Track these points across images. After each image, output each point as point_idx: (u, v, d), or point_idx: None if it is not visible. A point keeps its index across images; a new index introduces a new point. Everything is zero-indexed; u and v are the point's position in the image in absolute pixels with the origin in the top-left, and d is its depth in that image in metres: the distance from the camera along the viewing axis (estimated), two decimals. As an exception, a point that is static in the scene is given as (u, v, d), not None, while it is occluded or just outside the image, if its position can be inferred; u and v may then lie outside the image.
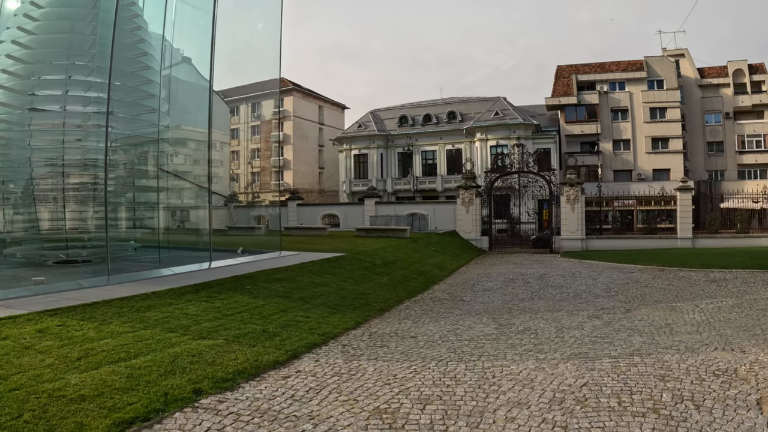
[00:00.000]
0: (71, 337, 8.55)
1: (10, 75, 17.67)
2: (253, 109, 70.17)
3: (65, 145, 18.31)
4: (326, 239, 29.98)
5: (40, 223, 19.43)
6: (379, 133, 61.17)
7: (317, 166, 72.84)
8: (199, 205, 24.07)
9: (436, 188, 58.05)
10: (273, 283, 14.63)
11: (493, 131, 55.38)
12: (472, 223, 37.08)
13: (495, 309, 14.26)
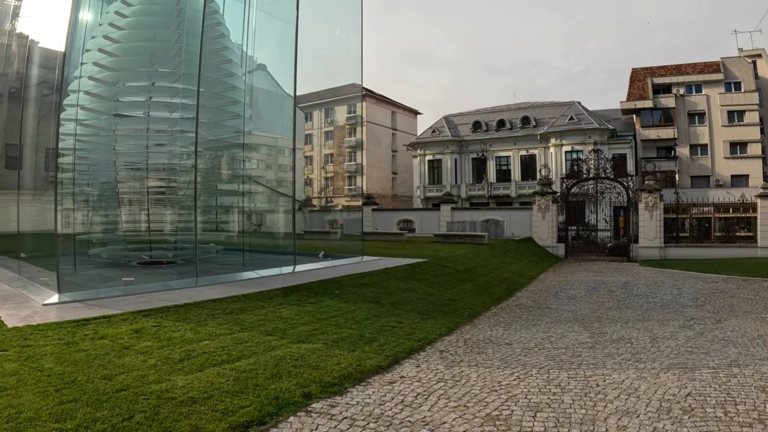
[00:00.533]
0: (169, 338, 8.55)
1: (97, 81, 18.13)
2: (326, 115, 71.12)
3: (149, 149, 18.72)
4: (405, 245, 29.86)
5: (125, 225, 19.93)
6: (453, 138, 60.79)
7: (390, 171, 73.02)
8: (274, 208, 24.34)
9: (510, 194, 57.19)
10: (361, 288, 14.52)
11: (567, 136, 54.15)
12: (548, 229, 36.37)
13: (584, 317, 13.91)
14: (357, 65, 22.89)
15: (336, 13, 23.93)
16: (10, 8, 27.89)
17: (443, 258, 22.05)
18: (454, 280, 18.41)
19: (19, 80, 22.75)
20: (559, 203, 37.16)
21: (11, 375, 6.57)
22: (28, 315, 9.84)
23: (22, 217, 20.03)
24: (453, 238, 32.51)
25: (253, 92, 21.87)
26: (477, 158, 59.94)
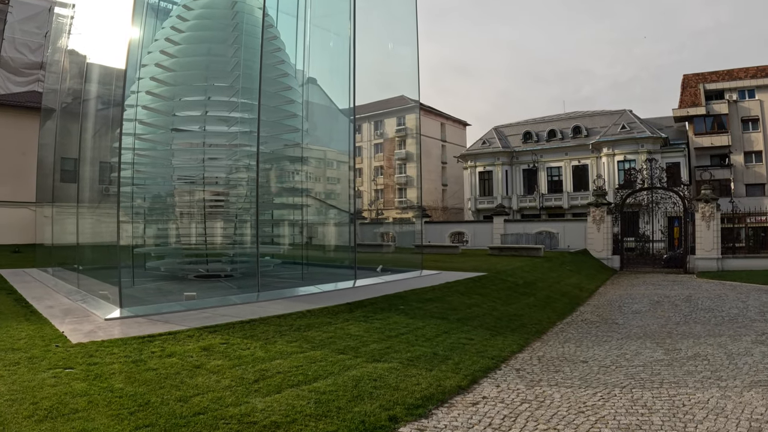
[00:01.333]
0: (239, 356, 8.28)
1: (154, 96, 18.31)
2: (375, 127, 71.44)
3: (205, 163, 18.84)
4: (460, 258, 29.40)
5: (182, 238, 20.00)
6: (503, 149, 60.52)
7: (440, 183, 73.10)
8: (329, 221, 24.18)
9: (562, 205, 56.47)
10: (425, 303, 14.14)
11: (620, 146, 53.33)
12: (603, 241, 35.63)
13: (653, 333, 13.48)
14: (408, 78, 22.92)
15: (389, 26, 23.92)
16: (64, 25, 28.56)
17: (502, 271, 21.66)
18: (516, 294, 18.00)
19: (72, 95, 23.18)
20: (614, 214, 36.41)
21: (81, 395, 6.34)
22: (91, 330, 9.71)
23: (75, 229, 20.24)
24: (508, 250, 32.05)
25: (306, 105, 21.85)
26: (528, 169, 59.54)
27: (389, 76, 24.08)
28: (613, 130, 54.67)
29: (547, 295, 19.04)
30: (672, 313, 16.91)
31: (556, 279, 23.19)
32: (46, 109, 28.12)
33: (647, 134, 52.53)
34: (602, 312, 17.36)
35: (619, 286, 25.65)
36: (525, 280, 20.73)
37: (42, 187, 27.03)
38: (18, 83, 43.54)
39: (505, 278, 20.21)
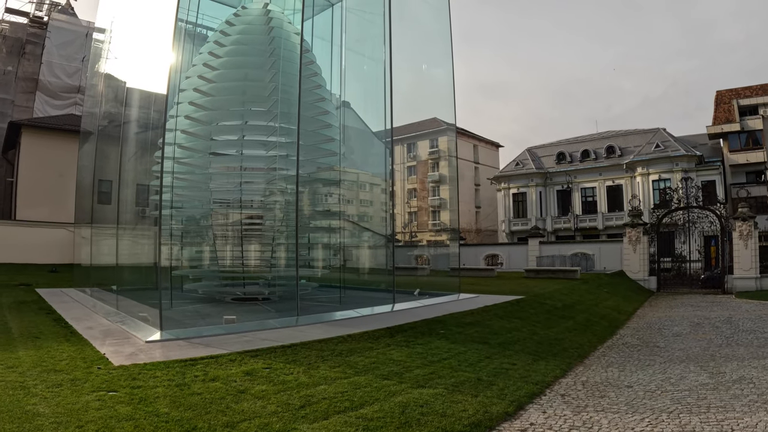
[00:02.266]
0: (283, 381, 8.31)
1: (193, 121, 18.66)
2: (408, 150, 71.68)
3: (242, 186, 19.08)
4: (496, 280, 29.30)
5: (219, 261, 20.21)
6: (537, 170, 60.37)
7: (473, 205, 73.03)
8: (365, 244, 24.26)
9: (597, 226, 55.93)
10: (465, 327, 14.09)
11: (654, 165, 52.75)
12: (640, 262, 35.30)
13: (696, 356, 13.30)
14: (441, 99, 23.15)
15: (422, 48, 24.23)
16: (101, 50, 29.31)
17: (539, 294, 21.55)
18: (555, 317, 17.89)
19: (109, 119, 23.70)
20: (650, 234, 36.00)
21: (127, 420, 6.39)
22: (133, 353, 9.83)
23: (113, 250, 20.58)
24: (544, 273, 31.88)
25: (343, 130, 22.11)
26: (562, 190, 59.27)
27: (422, 98, 24.28)
28: (647, 149, 54.16)
29: (587, 318, 18.91)
30: (713, 335, 16.71)
31: (594, 302, 22.99)
32: (84, 131, 28.77)
33: (681, 152, 51.90)
34: (643, 335, 17.19)
35: (657, 307, 25.41)
36: (563, 303, 20.61)
37: (80, 209, 27.59)
38: (56, 106, 44.79)
39: (543, 301, 20.09)
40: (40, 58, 45.74)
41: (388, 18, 19.74)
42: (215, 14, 22.57)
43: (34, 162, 36.61)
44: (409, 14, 22.48)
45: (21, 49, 46.17)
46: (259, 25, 19.58)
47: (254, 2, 21.21)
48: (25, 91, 45.43)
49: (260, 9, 20.21)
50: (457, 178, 54.27)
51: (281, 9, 20.56)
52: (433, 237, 64.45)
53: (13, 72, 45.57)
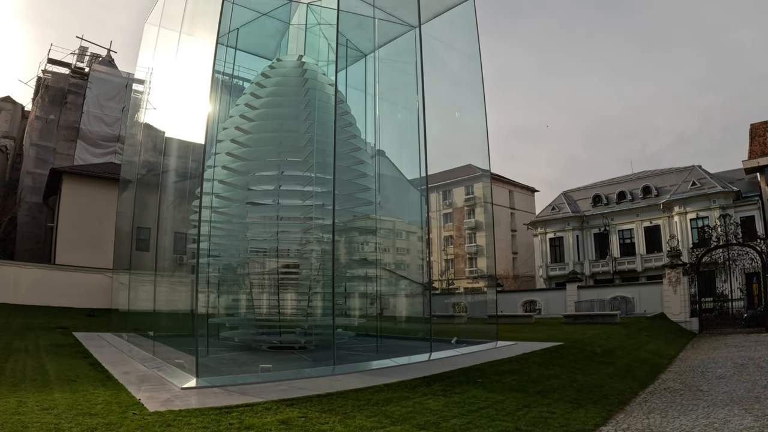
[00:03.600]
0: (318, 430, 8.51)
1: (230, 171, 19.26)
2: (444, 197, 72.14)
3: (279, 236, 19.43)
4: (534, 327, 29.18)
5: (256, 310, 20.52)
6: (573, 214, 60.56)
7: (510, 251, 73.13)
8: (401, 292, 24.35)
9: (635, 268, 55.38)
10: (503, 375, 14.11)
11: (691, 203, 52.48)
12: (681, 303, 34.86)
13: (741, 398, 13.16)
14: (475, 146, 23.41)
15: (455, 96, 24.66)
16: (140, 101, 30.35)
17: (578, 340, 21.50)
18: (595, 363, 17.80)
19: (148, 168, 24.43)
20: (690, 275, 35.57)
21: (162, 466, 6.62)
22: (168, 399, 10.09)
23: (150, 297, 20.99)
24: (583, 318, 31.64)
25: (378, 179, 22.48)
26: (599, 233, 59.18)
27: (456, 145, 24.62)
28: (683, 188, 53.85)
29: (627, 364, 18.73)
30: (758, 375, 16.50)
31: (635, 346, 22.81)
32: (123, 179, 29.63)
33: (718, 189, 51.64)
34: (685, 379, 17.00)
35: (699, 350, 25.13)
36: (603, 349, 20.48)
37: (118, 255, 28.23)
38: (96, 154, 46.21)
39: (582, 347, 20.02)
40: (81, 108, 47.42)
41: (419, 67, 20.29)
42: (251, 66, 23.42)
43: (74, 208, 37.68)
44: (441, 63, 23.01)
45: (63, 98, 47.94)
46: (294, 77, 20.32)
47: (289, 55, 22.03)
48: (67, 139, 47.01)
49: (295, 61, 20.98)
50: (493, 224, 54.40)
51: (315, 61, 21.33)
52: (470, 284, 64.40)
53: (55, 120, 47.25)
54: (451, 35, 23.64)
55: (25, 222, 44.09)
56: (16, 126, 55.53)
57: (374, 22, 21.91)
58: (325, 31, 21.44)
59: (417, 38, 20.89)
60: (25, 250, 41.87)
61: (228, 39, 21.19)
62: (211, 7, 18.18)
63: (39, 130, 46.66)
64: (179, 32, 21.86)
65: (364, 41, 22.87)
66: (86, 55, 50.80)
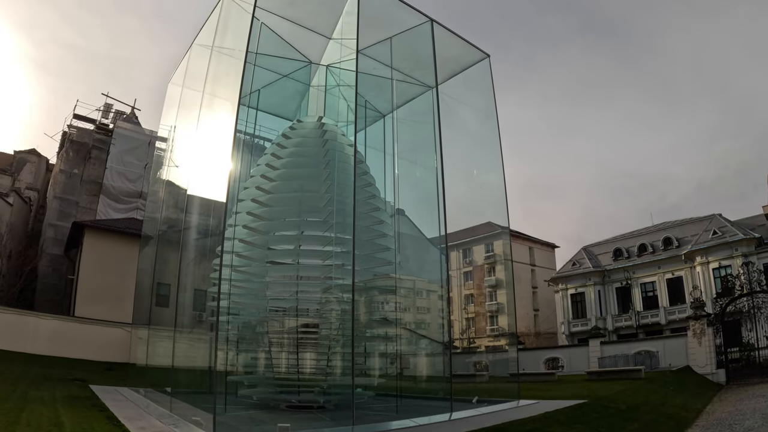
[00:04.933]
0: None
1: (250, 230, 19.56)
2: (464, 255, 72.39)
3: (299, 295, 19.57)
4: (557, 385, 28.95)
5: (274, 368, 20.54)
6: (594, 269, 60.58)
7: (531, 308, 72.90)
8: (421, 352, 24.25)
9: (659, 321, 54.91)
10: (526, 437, 13.97)
11: (713, 252, 52.28)
12: (706, 355, 34.44)
13: None
14: (494, 203, 23.77)
15: (473, 154, 25.11)
16: (162, 158, 30.99)
17: (602, 397, 21.44)
18: (619, 420, 17.67)
19: (169, 224, 24.80)
20: (715, 325, 35.12)
21: None
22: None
23: (168, 352, 21.06)
24: (607, 374, 31.47)
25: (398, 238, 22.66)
26: (621, 287, 59.11)
27: (475, 203, 24.84)
28: (704, 237, 53.64)
29: (653, 420, 18.55)
30: (786, 426, 16.27)
31: (660, 401, 22.63)
32: (144, 235, 30.02)
33: (740, 236, 51.36)
34: (713, 432, 16.80)
35: (726, 402, 24.80)
36: (627, 405, 20.30)
37: (138, 310, 28.45)
38: (118, 209, 46.95)
39: (606, 404, 19.91)
40: (105, 163, 48.44)
41: (437, 126, 20.73)
42: (272, 126, 23.98)
43: (95, 262, 38.13)
44: (458, 121, 23.44)
45: (87, 153, 49.02)
46: (314, 137, 20.81)
47: (309, 115, 22.56)
48: (90, 193, 47.89)
49: (315, 122, 21.50)
50: (513, 281, 54.35)
51: (335, 121, 21.85)
52: (491, 342, 64.17)
53: (79, 175, 48.22)
54: (467, 94, 24.16)
55: (45, 273, 44.66)
56: (41, 178, 56.75)
57: (392, 83, 22.49)
58: (344, 93, 22.01)
59: (434, 98, 21.38)
60: (44, 300, 42.27)
61: (249, 100, 21.81)
62: (233, 68, 18.78)
63: (63, 184, 47.62)
64: (202, 92, 22.49)
65: (383, 102, 23.44)
66: (111, 112, 52.18)
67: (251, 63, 18.82)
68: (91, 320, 35.23)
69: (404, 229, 23.31)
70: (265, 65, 21.76)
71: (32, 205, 52.70)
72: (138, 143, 49.99)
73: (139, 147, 49.82)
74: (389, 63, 21.84)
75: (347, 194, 17.67)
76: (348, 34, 20.07)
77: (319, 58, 22.89)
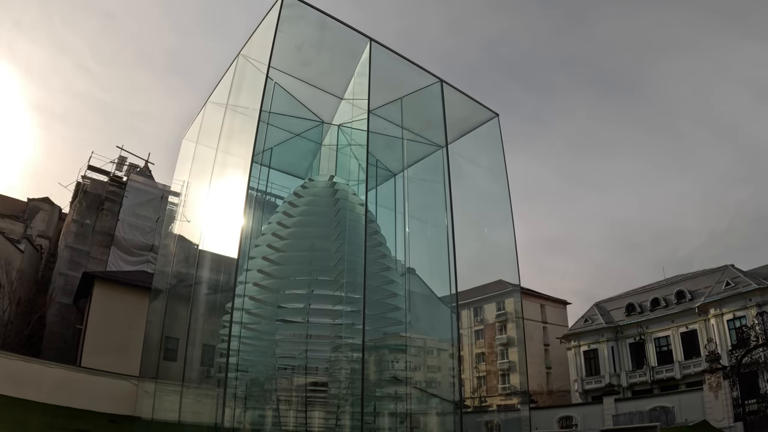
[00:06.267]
0: None
1: (261, 288, 19.69)
2: (475, 314, 72.28)
3: (308, 354, 19.55)
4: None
5: (282, 426, 20.44)
6: (606, 325, 60.32)
7: (543, 366, 72.24)
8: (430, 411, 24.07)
9: (674, 376, 54.16)
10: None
11: (727, 304, 51.93)
12: (723, 409, 34.09)
13: None
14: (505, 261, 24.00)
15: (483, 212, 25.51)
16: (174, 213, 31.35)
17: None
18: None
19: (179, 279, 24.95)
20: (731, 378, 34.61)
21: None
22: None
23: (175, 407, 20.98)
24: None
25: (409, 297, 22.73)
26: (634, 343, 58.75)
27: (486, 261, 24.98)
28: (717, 289, 53.28)
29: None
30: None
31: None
32: (154, 289, 30.15)
33: (753, 286, 50.68)
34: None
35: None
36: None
37: (146, 363, 28.39)
38: (129, 262, 47.25)
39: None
40: (117, 215, 48.91)
41: (448, 185, 21.07)
42: (284, 184, 24.31)
43: (104, 313, 38.11)
44: (468, 180, 23.79)
45: (100, 204, 49.60)
46: (325, 196, 21.11)
47: (320, 174, 22.89)
48: (101, 244, 48.24)
49: (326, 181, 21.83)
50: (524, 339, 54.09)
51: (346, 180, 22.16)
52: (503, 401, 63.54)
53: (91, 225, 48.66)
54: (477, 152, 24.55)
55: (53, 321, 44.67)
56: (53, 227, 57.27)
57: (403, 142, 22.90)
58: (355, 152, 22.35)
59: (444, 157, 21.78)
60: (51, 349, 42.17)
61: (262, 157, 22.22)
62: (247, 126, 19.30)
63: (75, 234, 48.02)
64: (216, 149, 22.97)
65: (393, 161, 23.80)
66: (125, 165, 52.94)
67: (264, 122, 19.29)
68: (97, 371, 35.07)
69: (415, 288, 23.38)
70: (278, 124, 22.22)
71: (43, 252, 53.07)
72: (151, 197, 50.54)
73: (151, 200, 50.36)
74: (400, 123, 22.28)
75: (358, 253, 17.93)
76: (359, 94, 20.58)
77: (331, 118, 23.38)
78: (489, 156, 24.44)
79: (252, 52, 20.96)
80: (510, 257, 23.03)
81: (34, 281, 48.48)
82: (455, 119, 22.25)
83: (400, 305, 20.31)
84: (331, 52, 21.61)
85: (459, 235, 20.21)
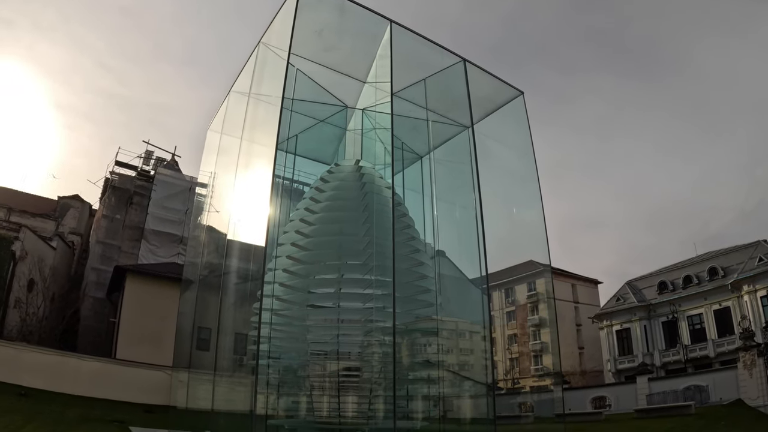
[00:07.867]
0: None
1: (290, 274, 19.63)
2: (506, 295, 71.99)
3: (340, 339, 19.51)
4: (605, 425, 28.58)
5: (315, 412, 20.41)
6: (639, 304, 59.65)
7: (576, 346, 71.81)
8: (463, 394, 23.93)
9: (708, 354, 53.46)
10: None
11: (760, 280, 51.05)
12: (758, 387, 33.37)
13: None
14: (535, 241, 23.67)
15: (511, 192, 25.27)
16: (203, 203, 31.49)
17: None
18: None
19: (210, 269, 25.06)
20: (766, 355, 34.03)
21: None
22: None
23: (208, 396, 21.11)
24: (656, 411, 30.92)
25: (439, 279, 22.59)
26: (667, 321, 57.92)
27: (516, 241, 24.73)
28: (750, 265, 52.37)
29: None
30: None
31: (714, 438, 21.96)
32: (185, 280, 30.35)
33: (787, 261, 49.92)
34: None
35: (782, 434, 23.82)
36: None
37: (179, 353, 28.63)
38: (159, 254, 47.85)
39: (658, 446, 19.22)
40: (146, 209, 49.50)
41: (475, 166, 20.77)
42: (310, 170, 24.17)
43: (136, 305, 38.68)
44: (495, 159, 23.46)
45: (129, 199, 50.24)
46: (352, 181, 20.90)
47: (346, 159, 22.73)
48: (131, 238, 48.89)
49: (352, 165, 21.64)
50: (557, 320, 53.67)
51: (372, 164, 21.94)
52: (536, 382, 63.39)
53: (121, 220, 49.34)
54: (503, 131, 24.20)
55: (88, 316, 45.48)
56: (84, 223, 58.04)
57: (428, 124, 22.62)
58: (380, 135, 22.14)
59: (470, 138, 21.50)
60: (86, 343, 42.91)
61: (287, 145, 22.09)
62: (271, 114, 19.17)
63: (105, 229, 48.76)
64: (240, 139, 22.93)
65: (419, 143, 23.56)
66: (152, 159, 53.61)
67: (288, 109, 19.15)
68: (132, 362, 35.59)
69: (445, 270, 23.18)
70: (302, 110, 22.12)
71: (75, 249, 53.86)
72: (178, 189, 51.04)
73: (179, 193, 50.85)
74: (424, 104, 22.00)
75: (386, 237, 17.79)
76: (382, 77, 20.35)
77: (354, 102, 23.19)
78: (515, 135, 24.07)
79: (272, 39, 20.85)
80: (539, 237, 22.79)
81: (67, 277, 49.32)
82: (480, 98, 21.92)
83: (430, 287, 20.11)
84: (352, 35, 21.43)
85: (488, 216, 20.03)
